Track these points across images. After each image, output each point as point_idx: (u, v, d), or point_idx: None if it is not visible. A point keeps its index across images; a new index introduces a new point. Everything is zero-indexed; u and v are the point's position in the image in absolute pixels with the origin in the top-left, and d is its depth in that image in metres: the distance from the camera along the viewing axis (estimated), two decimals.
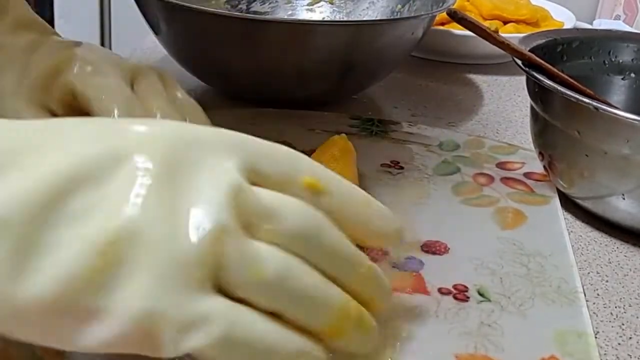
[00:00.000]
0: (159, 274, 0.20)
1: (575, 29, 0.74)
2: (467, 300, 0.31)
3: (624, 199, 0.37)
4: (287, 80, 0.49)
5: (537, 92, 0.41)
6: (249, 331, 0.20)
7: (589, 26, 0.84)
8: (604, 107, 0.35)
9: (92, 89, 0.34)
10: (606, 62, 0.47)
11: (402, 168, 0.44)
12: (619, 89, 0.47)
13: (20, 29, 0.38)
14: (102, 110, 0.33)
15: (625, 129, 0.34)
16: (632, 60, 0.47)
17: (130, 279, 0.19)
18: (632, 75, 0.47)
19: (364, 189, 0.40)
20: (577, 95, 0.36)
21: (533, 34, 0.46)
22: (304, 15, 0.66)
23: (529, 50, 0.41)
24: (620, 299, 0.34)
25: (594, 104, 0.35)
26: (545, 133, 0.41)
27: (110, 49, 1.33)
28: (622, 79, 0.47)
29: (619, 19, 1.01)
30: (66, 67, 0.35)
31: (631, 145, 0.34)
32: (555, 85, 0.37)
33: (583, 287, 0.33)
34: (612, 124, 0.35)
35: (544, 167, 0.43)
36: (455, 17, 0.38)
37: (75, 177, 0.20)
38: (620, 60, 0.47)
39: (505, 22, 0.73)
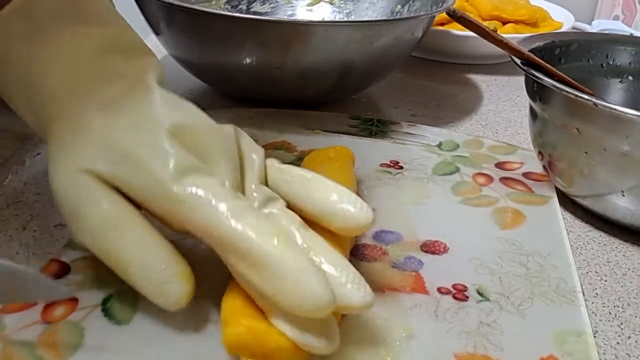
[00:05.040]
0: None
1: (574, 32, 0.74)
2: (466, 300, 0.32)
3: (623, 196, 0.37)
4: (287, 80, 0.49)
5: (536, 90, 0.41)
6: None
7: (587, 26, 0.84)
8: (603, 102, 0.35)
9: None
10: (604, 65, 0.47)
11: (401, 168, 0.44)
12: (617, 92, 0.47)
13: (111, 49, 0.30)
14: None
15: (625, 124, 0.35)
16: (630, 63, 0.47)
17: None
18: (630, 78, 0.47)
19: (363, 189, 0.41)
20: (576, 92, 0.36)
21: (531, 36, 0.46)
22: (304, 15, 0.66)
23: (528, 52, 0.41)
24: (619, 298, 0.34)
25: (594, 99, 0.35)
26: (544, 132, 0.41)
27: None
28: (620, 81, 0.47)
29: (618, 20, 1.01)
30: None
31: (630, 141, 0.35)
32: (554, 83, 0.37)
33: (582, 286, 0.34)
34: (611, 120, 0.35)
35: (544, 166, 0.43)
36: (455, 15, 0.38)
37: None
38: (618, 63, 0.47)
39: (504, 23, 0.74)
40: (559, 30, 0.73)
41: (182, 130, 0.28)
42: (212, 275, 0.31)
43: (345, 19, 0.65)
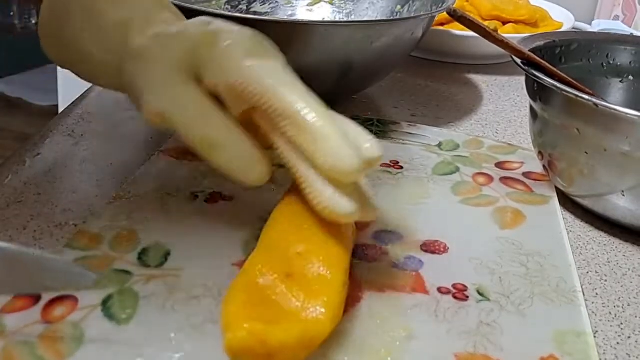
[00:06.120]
0: None
1: (574, 32, 0.74)
2: (466, 300, 0.32)
3: (623, 196, 0.37)
4: None
5: (536, 90, 0.41)
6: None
7: (587, 27, 0.84)
8: (603, 103, 0.35)
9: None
10: (604, 65, 0.47)
11: (401, 168, 0.44)
12: (617, 92, 0.47)
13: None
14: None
15: (625, 125, 0.35)
16: (630, 62, 0.47)
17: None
18: (630, 77, 0.47)
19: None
20: (576, 92, 0.36)
21: (532, 35, 0.46)
22: (304, 15, 0.66)
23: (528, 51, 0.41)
24: (619, 298, 0.34)
25: (594, 100, 0.35)
26: (544, 132, 0.41)
27: None
28: (620, 81, 0.47)
29: (618, 20, 1.01)
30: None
31: (631, 141, 0.35)
32: (555, 83, 0.37)
33: (582, 286, 0.34)
34: (611, 120, 0.35)
35: (544, 166, 0.43)
36: (455, 15, 0.38)
37: None
38: (619, 63, 0.47)
39: (504, 23, 0.74)
40: (559, 30, 0.73)
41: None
42: (213, 275, 0.31)
43: (345, 19, 0.65)
